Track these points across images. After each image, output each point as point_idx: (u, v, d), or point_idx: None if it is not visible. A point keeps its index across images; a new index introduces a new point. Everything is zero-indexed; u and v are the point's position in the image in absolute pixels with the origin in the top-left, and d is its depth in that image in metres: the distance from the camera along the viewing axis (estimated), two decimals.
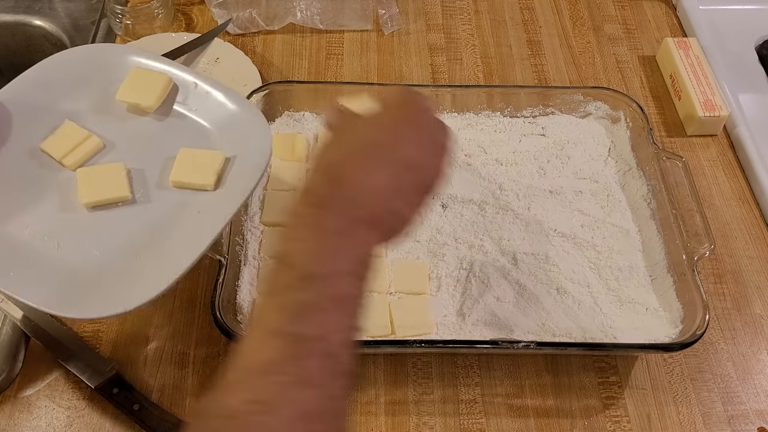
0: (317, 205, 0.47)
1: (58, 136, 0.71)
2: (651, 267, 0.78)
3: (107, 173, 0.69)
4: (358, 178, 0.48)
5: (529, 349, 0.68)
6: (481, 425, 0.71)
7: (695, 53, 0.98)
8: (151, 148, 0.72)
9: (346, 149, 0.51)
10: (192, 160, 0.70)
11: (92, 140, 0.72)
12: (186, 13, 1.06)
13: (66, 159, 0.70)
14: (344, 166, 0.49)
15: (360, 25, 1.05)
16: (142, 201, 0.69)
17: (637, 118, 0.86)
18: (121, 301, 0.60)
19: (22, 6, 1.07)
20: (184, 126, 0.74)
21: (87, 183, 0.68)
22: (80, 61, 0.77)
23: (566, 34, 1.07)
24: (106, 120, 0.74)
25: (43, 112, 0.73)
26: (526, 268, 0.78)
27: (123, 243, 0.66)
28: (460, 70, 1.02)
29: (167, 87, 0.75)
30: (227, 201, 0.67)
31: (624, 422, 0.71)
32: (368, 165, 0.49)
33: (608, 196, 0.85)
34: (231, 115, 0.73)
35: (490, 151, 0.88)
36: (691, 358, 0.76)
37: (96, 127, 0.73)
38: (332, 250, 0.46)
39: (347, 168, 0.49)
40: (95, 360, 0.71)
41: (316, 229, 0.46)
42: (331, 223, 0.46)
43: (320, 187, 0.49)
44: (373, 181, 0.48)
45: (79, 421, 0.69)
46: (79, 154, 0.71)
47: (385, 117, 0.53)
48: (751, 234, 0.86)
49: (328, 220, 0.47)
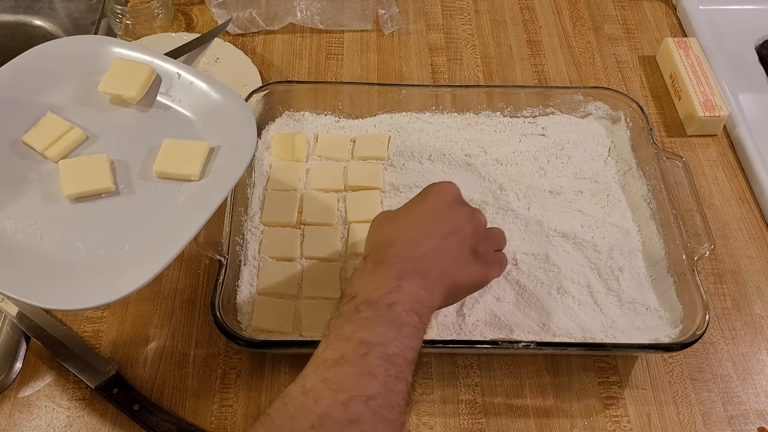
0: (375, 262, 0.59)
1: (41, 129, 0.71)
2: (651, 267, 0.78)
3: (90, 165, 0.68)
4: (407, 246, 0.61)
5: (529, 349, 0.68)
6: (481, 425, 0.71)
7: (695, 53, 0.98)
8: (134, 139, 0.72)
9: (396, 229, 0.64)
10: (176, 151, 0.69)
11: (75, 132, 0.71)
12: (186, 13, 1.06)
13: (48, 151, 0.69)
14: (396, 241, 0.62)
15: (360, 25, 1.05)
16: (126, 192, 0.68)
17: (637, 118, 0.86)
18: (105, 292, 0.60)
19: (22, 6, 1.07)
20: (167, 117, 0.74)
21: (70, 175, 0.68)
22: (62, 52, 0.76)
23: (566, 34, 1.07)
24: (89, 112, 0.74)
25: (25, 105, 0.72)
26: (526, 268, 0.78)
27: (107, 234, 0.65)
28: (460, 70, 1.02)
29: (150, 78, 0.74)
30: (213, 191, 0.66)
31: (624, 422, 0.71)
32: (415, 236, 0.62)
33: (608, 196, 0.85)
34: (215, 105, 0.73)
35: (490, 151, 0.88)
36: (691, 358, 0.76)
37: (78, 119, 0.72)
38: (389, 284, 0.57)
39: (399, 243, 0.61)
40: (95, 360, 0.71)
41: (375, 275, 0.58)
42: (388, 271, 0.58)
43: (377, 249, 0.61)
44: (419, 247, 0.61)
45: (79, 421, 0.69)
46: (61, 146, 0.70)
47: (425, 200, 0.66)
48: (751, 234, 0.86)
49: (384, 270, 0.59)
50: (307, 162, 0.87)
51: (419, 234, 0.62)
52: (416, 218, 0.64)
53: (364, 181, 0.84)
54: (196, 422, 0.69)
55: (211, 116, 0.73)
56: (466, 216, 0.65)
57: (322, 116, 0.90)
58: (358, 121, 0.90)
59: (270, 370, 0.73)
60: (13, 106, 0.72)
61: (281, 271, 0.76)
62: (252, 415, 0.70)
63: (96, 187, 0.67)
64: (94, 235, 0.65)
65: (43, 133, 0.71)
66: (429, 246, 0.61)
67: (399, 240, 0.62)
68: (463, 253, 0.63)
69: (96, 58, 0.76)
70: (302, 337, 0.72)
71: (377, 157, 0.86)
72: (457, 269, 0.62)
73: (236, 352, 0.74)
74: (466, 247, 0.64)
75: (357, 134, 0.89)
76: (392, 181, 0.85)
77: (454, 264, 0.62)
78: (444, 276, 0.61)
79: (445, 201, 0.65)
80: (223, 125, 0.72)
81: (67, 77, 0.75)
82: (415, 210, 0.65)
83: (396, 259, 0.60)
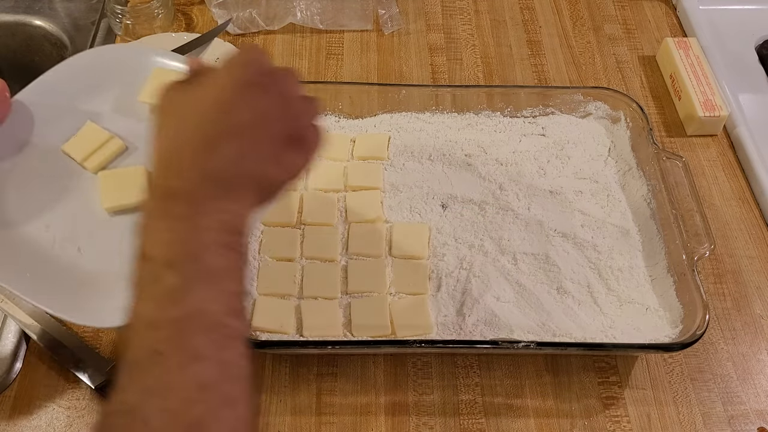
0: (162, 197, 0.48)
1: (80, 138, 0.71)
2: (651, 267, 0.78)
3: (129, 177, 0.68)
4: (197, 158, 0.48)
5: (529, 349, 0.68)
6: (481, 425, 0.71)
7: (695, 53, 0.98)
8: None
9: (181, 131, 0.50)
10: None
11: (114, 142, 0.71)
12: (186, 13, 1.06)
13: (88, 162, 0.70)
14: (182, 151, 0.49)
15: (360, 25, 1.05)
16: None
17: (637, 118, 0.86)
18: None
19: (22, 6, 1.07)
20: None
21: (109, 187, 0.67)
22: (102, 61, 0.76)
23: (566, 34, 1.07)
24: (129, 121, 0.73)
25: (65, 112, 0.72)
26: (526, 268, 0.78)
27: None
28: (460, 70, 1.02)
29: None
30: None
31: (624, 422, 0.71)
32: (203, 141, 0.48)
33: (608, 196, 0.85)
34: None
35: (490, 151, 0.88)
36: (691, 358, 0.76)
37: (118, 129, 0.72)
38: (186, 232, 0.46)
39: (185, 152, 0.48)
40: (95, 360, 0.71)
41: (166, 218, 0.47)
42: (179, 210, 0.47)
43: (162, 178, 0.49)
44: (213, 155, 0.48)
45: (79, 421, 0.69)
46: (101, 156, 0.70)
47: (216, 82, 0.51)
48: (751, 234, 0.86)
49: (175, 209, 0.47)
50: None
51: (214, 133, 0.49)
52: (208, 109, 0.49)
53: (364, 181, 0.84)
54: None
55: None
56: (273, 96, 0.51)
57: (322, 116, 0.90)
58: (358, 121, 0.90)
59: (270, 370, 0.73)
60: (52, 115, 0.72)
61: (281, 271, 0.76)
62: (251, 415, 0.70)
63: (134, 201, 0.66)
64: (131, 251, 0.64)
65: (82, 143, 0.70)
66: (228, 149, 0.48)
67: (188, 148, 0.48)
68: (274, 144, 0.51)
69: (137, 67, 0.75)
70: (302, 337, 0.72)
71: (377, 157, 0.86)
72: (269, 167, 0.51)
73: None
74: (276, 136, 0.51)
75: (357, 134, 0.89)
76: (392, 181, 0.85)
77: (263, 162, 0.50)
78: (253, 181, 0.50)
79: (245, 78, 0.51)
80: None
81: (107, 86, 0.75)
82: (207, 96, 0.50)
83: (190, 184, 0.47)
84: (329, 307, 0.74)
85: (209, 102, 0.50)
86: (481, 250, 0.79)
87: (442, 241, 0.80)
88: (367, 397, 0.72)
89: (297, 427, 0.70)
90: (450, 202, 0.83)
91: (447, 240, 0.80)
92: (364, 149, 0.87)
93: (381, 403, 0.72)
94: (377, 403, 0.72)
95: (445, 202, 0.83)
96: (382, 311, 0.73)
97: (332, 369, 0.73)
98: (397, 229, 0.80)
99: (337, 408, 0.71)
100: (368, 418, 0.71)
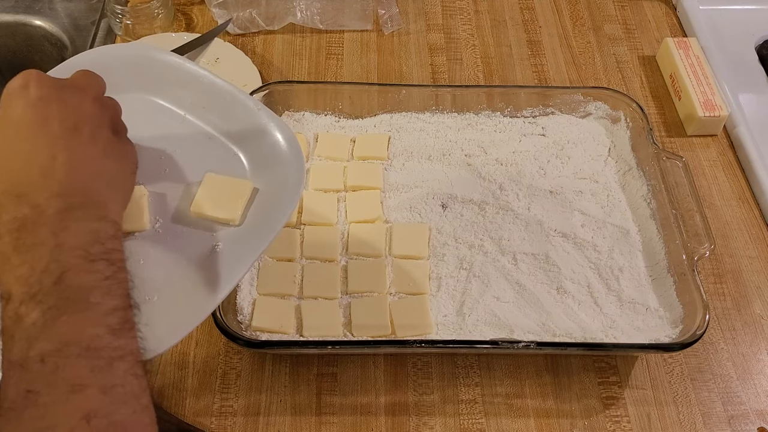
0: (12, 231, 0.45)
1: None
2: (651, 267, 0.78)
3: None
4: (35, 180, 0.46)
5: (529, 349, 0.68)
6: (481, 425, 0.71)
7: (695, 53, 0.98)
8: (174, 169, 0.65)
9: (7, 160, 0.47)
10: (217, 189, 0.62)
11: None
12: (186, 13, 1.06)
13: None
14: (17, 178, 0.46)
15: (360, 25, 1.05)
16: (160, 232, 0.61)
17: (637, 118, 0.86)
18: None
19: (22, 6, 1.07)
20: (210, 146, 0.66)
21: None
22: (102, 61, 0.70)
23: (566, 34, 1.07)
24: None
25: None
26: (526, 268, 0.78)
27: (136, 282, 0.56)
28: (460, 70, 1.02)
29: None
30: (252, 239, 0.59)
31: (624, 422, 0.71)
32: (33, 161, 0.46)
33: (608, 196, 0.85)
34: (262, 138, 0.65)
35: (490, 151, 0.88)
36: (691, 358, 0.76)
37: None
38: (42, 261, 0.44)
39: (21, 179, 0.46)
40: None
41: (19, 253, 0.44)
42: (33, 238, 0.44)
43: (7, 212, 0.45)
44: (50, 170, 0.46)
45: None
46: None
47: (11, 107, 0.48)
48: (751, 234, 0.86)
49: (27, 239, 0.44)
50: (307, 162, 0.87)
51: (40, 151, 0.46)
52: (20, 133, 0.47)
53: (364, 181, 0.84)
54: (196, 422, 0.69)
55: (257, 151, 0.65)
56: (84, 96, 0.50)
57: (322, 116, 0.90)
58: (358, 121, 0.90)
59: (270, 370, 0.73)
60: None
61: (281, 271, 0.76)
62: (252, 415, 0.70)
63: (132, 227, 0.61)
64: None
65: None
66: (62, 160, 0.46)
67: (21, 174, 0.46)
68: (106, 140, 0.49)
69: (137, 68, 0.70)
70: (302, 337, 0.72)
71: (377, 157, 0.86)
72: (110, 163, 0.49)
73: (236, 352, 0.74)
74: (104, 131, 0.49)
75: (357, 134, 0.89)
76: (392, 181, 0.85)
77: (103, 160, 0.49)
78: (102, 181, 0.48)
79: (40, 93, 0.47)
80: (269, 162, 0.64)
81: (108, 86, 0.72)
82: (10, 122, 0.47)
83: (37, 209, 0.44)
84: (329, 307, 0.74)
85: (20, 124, 0.47)
86: (481, 250, 0.79)
87: (442, 241, 0.80)
88: (367, 397, 0.72)
89: (297, 427, 0.70)
90: (450, 202, 0.83)
91: (447, 240, 0.80)
92: (364, 149, 0.87)
93: (381, 403, 0.72)
94: (377, 403, 0.72)
95: (445, 202, 0.83)
96: (382, 311, 0.73)
97: (332, 369, 0.73)
98: (397, 229, 0.80)
99: (337, 408, 0.71)
100: (368, 418, 0.71)
